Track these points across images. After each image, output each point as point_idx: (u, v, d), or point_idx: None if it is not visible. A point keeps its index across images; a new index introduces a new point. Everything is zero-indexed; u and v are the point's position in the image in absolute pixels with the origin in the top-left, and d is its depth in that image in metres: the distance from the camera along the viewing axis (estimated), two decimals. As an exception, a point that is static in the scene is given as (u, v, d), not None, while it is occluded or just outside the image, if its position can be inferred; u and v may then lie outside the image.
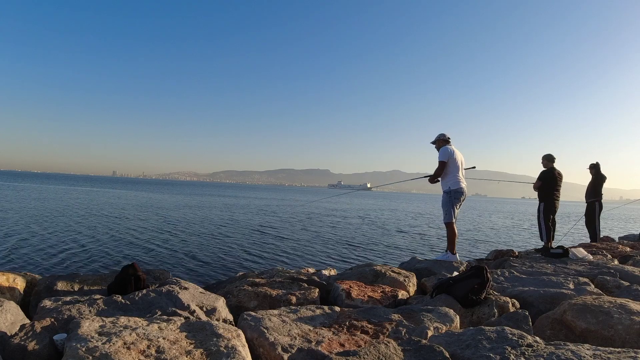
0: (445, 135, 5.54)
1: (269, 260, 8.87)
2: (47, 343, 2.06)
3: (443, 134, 5.56)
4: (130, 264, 3.34)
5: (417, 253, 10.24)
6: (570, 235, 13.72)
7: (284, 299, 3.20)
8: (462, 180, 5.33)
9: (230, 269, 7.65)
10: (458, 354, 1.96)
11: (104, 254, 8.60)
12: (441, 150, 5.38)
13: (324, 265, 8.05)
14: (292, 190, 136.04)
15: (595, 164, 8.16)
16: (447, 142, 5.50)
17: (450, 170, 5.29)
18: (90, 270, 6.99)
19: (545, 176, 6.48)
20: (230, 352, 1.88)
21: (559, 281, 3.73)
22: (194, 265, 7.93)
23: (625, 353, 1.82)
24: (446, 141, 5.51)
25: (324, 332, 2.33)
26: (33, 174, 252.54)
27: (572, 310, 2.58)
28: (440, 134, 5.57)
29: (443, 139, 5.53)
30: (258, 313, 2.51)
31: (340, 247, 11.28)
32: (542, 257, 5.44)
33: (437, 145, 5.58)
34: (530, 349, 1.92)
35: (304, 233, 14.06)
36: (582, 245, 7.23)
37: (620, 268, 4.40)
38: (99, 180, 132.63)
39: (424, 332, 2.37)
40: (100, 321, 2.10)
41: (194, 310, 2.60)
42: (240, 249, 10.06)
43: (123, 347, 1.83)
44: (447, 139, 5.53)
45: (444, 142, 5.51)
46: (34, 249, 8.64)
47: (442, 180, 5.34)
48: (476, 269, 3.15)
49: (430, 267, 4.79)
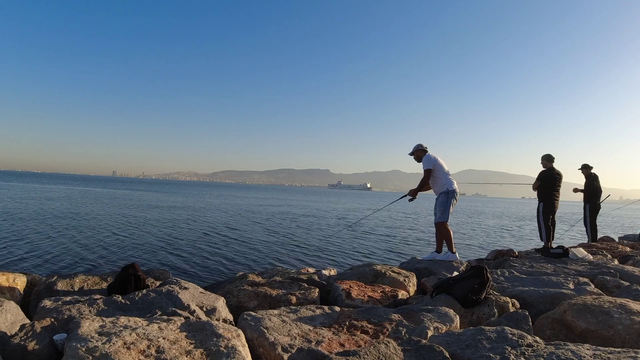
0: (422, 145, 5.69)
1: (269, 260, 8.87)
2: (47, 343, 2.06)
3: (420, 144, 5.71)
4: (130, 264, 3.34)
5: (417, 253, 10.24)
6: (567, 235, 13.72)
7: (284, 299, 3.20)
8: (454, 181, 5.46)
9: (230, 269, 7.65)
10: (458, 354, 1.96)
11: (104, 254, 8.60)
12: (425, 159, 5.51)
13: (324, 265, 8.05)
14: (292, 190, 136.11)
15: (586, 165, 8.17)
16: (425, 151, 5.66)
17: (440, 175, 5.43)
18: (90, 270, 6.99)
19: (544, 176, 6.49)
20: (230, 352, 1.88)
21: (559, 281, 3.73)
22: (194, 265, 7.93)
23: (625, 353, 1.82)
24: (424, 151, 5.66)
25: (324, 332, 2.33)
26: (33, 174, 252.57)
27: (572, 310, 2.58)
28: (418, 145, 5.71)
29: (421, 149, 5.68)
30: (258, 313, 2.51)
31: (341, 247, 11.28)
32: (542, 257, 5.44)
33: (415, 155, 5.73)
34: (530, 349, 1.92)
35: (304, 233, 14.07)
36: (582, 245, 7.23)
37: (620, 268, 4.40)
38: (99, 180, 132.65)
39: (424, 332, 2.37)
40: (100, 321, 2.10)
41: (194, 310, 2.60)
42: (240, 249, 10.06)
43: (123, 347, 1.83)
44: (425, 148, 5.68)
45: (422, 152, 5.66)
46: (34, 249, 8.63)
47: (437, 185, 5.46)
48: (476, 269, 3.15)
49: (430, 267, 4.79)
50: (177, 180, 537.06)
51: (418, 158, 5.67)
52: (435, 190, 5.49)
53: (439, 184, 5.42)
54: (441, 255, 5.35)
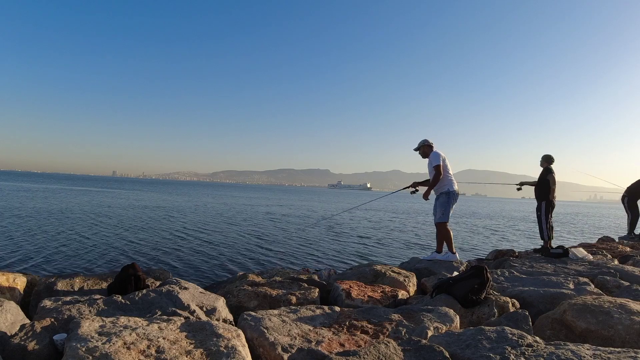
0: (429, 141, 5.58)
1: (269, 260, 8.87)
2: (47, 343, 2.06)
3: (426, 139, 5.60)
4: (130, 264, 3.34)
5: (417, 253, 10.24)
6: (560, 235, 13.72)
7: (284, 299, 3.20)
8: (455, 181, 5.43)
9: (230, 269, 7.65)
10: (458, 354, 1.96)
11: (104, 254, 8.60)
12: (432, 155, 5.39)
13: (324, 265, 8.05)
14: (292, 191, 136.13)
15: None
16: (431, 147, 5.56)
17: (445, 173, 5.35)
18: (90, 270, 6.99)
19: (545, 176, 6.48)
20: (230, 352, 1.88)
21: (559, 281, 3.73)
22: (194, 265, 7.93)
23: (625, 353, 1.82)
24: (431, 146, 5.56)
25: (324, 332, 2.33)
26: (33, 174, 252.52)
27: (572, 310, 2.58)
28: (424, 140, 5.60)
29: (427, 144, 5.56)
30: (258, 313, 2.51)
31: (340, 247, 11.27)
32: (542, 257, 5.44)
33: (421, 151, 5.62)
34: (530, 349, 1.92)
35: (303, 233, 14.06)
36: (582, 245, 7.23)
37: (620, 268, 4.40)
38: (99, 180, 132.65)
39: (424, 332, 2.37)
40: (100, 321, 2.10)
41: (194, 310, 2.60)
42: (240, 249, 10.06)
43: (123, 347, 1.83)
44: (431, 144, 5.57)
45: (429, 148, 5.55)
46: (34, 249, 8.63)
47: (439, 184, 5.38)
48: (476, 269, 3.15)
49: (430, 267, 4.79)
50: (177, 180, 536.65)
51: (424, 154, 5.55)
52: (436, 190, 5.44)
53: (440, 184, 5.37)
54: (441, 256, 5.35)
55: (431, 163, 5.37)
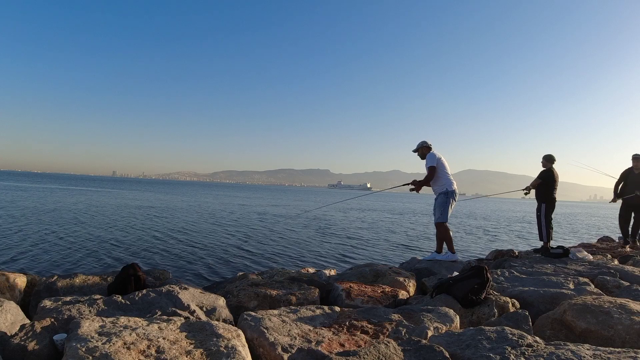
0: (427, 142, 5.67)
1: (269, 260, 8.86)
2: (47, 343, 2.06)
3: (425, 141, 5.69)
4: (130, 264, 3.35)
5: (417, 253, 10.24)
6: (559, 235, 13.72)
7: (284, 299, 3.20)
8: (454, 181, 5.46)
9: (230, 269, 7.65)
10: (458, 354, 1.96)
11: (104, 254, 8.60)
12: (428, 157, 5.49)
13: (324, 265, 8.05)
14: (292, 191, 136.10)
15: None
16: (429, 148, 5.64)
17: (442, 174, 5.42)
18: (90, 270, 6.99)
19: (545, 176, 6.48)
20: (230, 352, 1.88)
21: (559, 281, 3.73)
22: (194, 265, 7.93)
23: (625, 353, 1.82)
24: (429, 148, 5.64)
25: (324, 332, 2.33)
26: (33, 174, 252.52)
27: (572, 310, 2.58)
28: (422, 142, 5.69)
29: (426, 145, 5.65)
30: (258, 313, 2.51)
31: (340, 247, 11.27)
32: (542, 257, 5.44)
33: (419, 152, 5.71)
34: (530, 349, 1.92)
35: (303, 233, 14.06)
36: (582, 245, 7.23)
37: (620, 268, 4.40)
38: (99, 180, 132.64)
39: (424, 332, 2.37)
40: (100, 321, 2.10)
41: (194, 310, 2.60)
42: (240, 249, 10.06)
43: (123, 347, 1.83)
44: (429, 145, 5.65)
45: (427, 149, 5.64)
46: (34, 249, 8.63)
47: (437, 184, 5.45)
48: (476, 269, 3.15)
49: (430, 267, 4.79)
50: (177, 180, 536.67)
51: (422, 155, 5.64)
52: (435, 190, 5.48)
53: (438, 184, 5.41)
54: (441, 256, 5.36)
55: (426, 164, 5.48)
